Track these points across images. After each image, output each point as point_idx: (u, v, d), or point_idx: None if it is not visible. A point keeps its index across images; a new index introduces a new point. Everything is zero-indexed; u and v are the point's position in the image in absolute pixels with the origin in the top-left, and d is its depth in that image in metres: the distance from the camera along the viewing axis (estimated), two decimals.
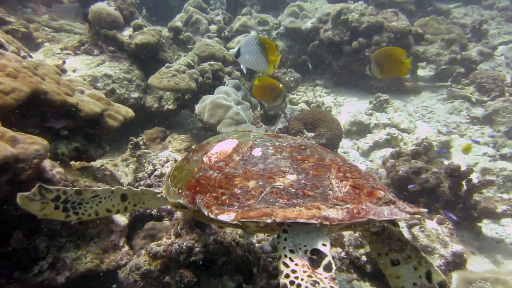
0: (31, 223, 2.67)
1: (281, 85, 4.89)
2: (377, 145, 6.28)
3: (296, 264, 1.70)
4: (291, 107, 6.55)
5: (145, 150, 5.14)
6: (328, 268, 1.63)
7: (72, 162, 3.51)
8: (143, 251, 3.24)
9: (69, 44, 6.03)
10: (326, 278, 1.60)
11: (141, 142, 5.31)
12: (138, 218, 3.80)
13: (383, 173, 4.08)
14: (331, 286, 1.54)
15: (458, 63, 8.91)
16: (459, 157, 5.76)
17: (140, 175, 4.43)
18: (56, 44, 6.15)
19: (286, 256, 1.74)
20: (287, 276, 1.67)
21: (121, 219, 3.48)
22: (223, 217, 1.81)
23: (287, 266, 1.71)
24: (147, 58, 6.17)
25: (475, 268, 3.10)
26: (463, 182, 3.61)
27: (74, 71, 5.43)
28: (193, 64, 6.31)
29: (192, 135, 6.03)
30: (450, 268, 2.82)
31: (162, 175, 4.39)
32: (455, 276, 2.70)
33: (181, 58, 6.64)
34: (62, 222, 2.91)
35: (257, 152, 2.04)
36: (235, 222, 1.77)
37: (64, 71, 5.04)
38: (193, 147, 2.58)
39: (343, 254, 3.25)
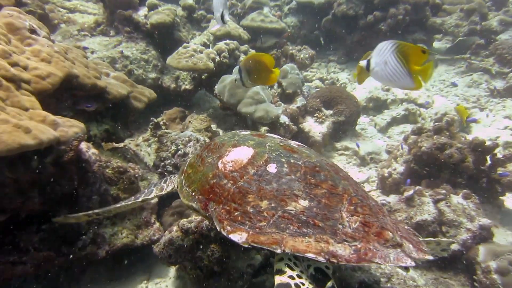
0: (72, 201, 2.81)
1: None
2: (394, 121, 6.27)
3: (302, 272, 1.79)
4: (308, 85, 6.53)
5: (166, 130, 5.23)
6: None
7: (103, 143, 3.63)
8: (175, 227, 3.40)
9: (85, 25, 6.05)
10: None
11: (161, 123, 5.39)
12: (165, 195, 3.93)
13: (405, 149, 4.11)
14: None
15: (477, 34, 8.68)
16: (479, 131, 5.74)
17: (164, 155, 4.54)
18: (72, 26, 6.17)
19: (290, 260, 1.84)
20: (292, 277, 1.75)
21: None
22: (235, 237, 1.84)
23: (291, 268, 1.80)
24: (163, 38, 6.16)
25: (498, 241, 3.17)
26: (487, 157, 3.63)
27: (92, 52, 5.47)
28: (208, 43, 6.30)
29: (209, 114, 6.10)
30: (477, 241, 2.89)
31: (185, 154, 4.49)
32: (482, 249, 2.77)
33: (196, 37, 6.62)
34: (99, 202, 3.06)
35: (272, 168, 2.03)
36: (246, 245, 1.79)
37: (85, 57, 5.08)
38: (208, 143, 2.57)
39: None
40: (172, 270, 3.53)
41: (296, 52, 7.26)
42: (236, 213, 1.92)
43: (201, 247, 3.19)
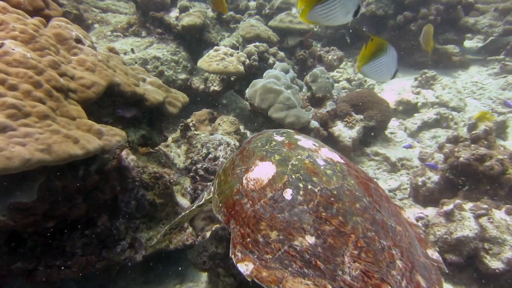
0: (111, 206, 2.89)
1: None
2: (426, 125, 6.13)
3: None
4: (336, 87, 6.46)
5: (195, 132, 5.28)
6: None
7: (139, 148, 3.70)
8: (208, 234, 3.44)
9: (118, 26, 6.16)
10: None
11: (190, 124, 5.46)
12: (197, 198, 3.98)
13: (440, 159, 4.01)
14: None
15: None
16: None
17: (195, 158, 4.60)
18: (106, 26, 6.30)
19: None
20: None
21: (184, 202, 3.68)
22: (242, 267, 1.86)
23: None
24: (193, 39, 6.22)
25: None
26: None
27: (125, 53, 5.57)
28: (237, 44, 6.31)
29: (236, 115, 6.13)
30: None
31: (216, 158, 4.53)
32: None
33: (225, 39, 6.64)
34: (136, 207, 3.13)
35: (287, 194, 2.01)
36: (250, 279, 1.81)
37: (117, 53, 5.18)
38: (242, 147, 2.55)
39: None
40: (205, 275, 3.58)
41: (324, 53, 7.18)
42: (248, 239, 1.94)
43: None
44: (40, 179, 2.18)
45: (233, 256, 1.92)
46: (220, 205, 2.23)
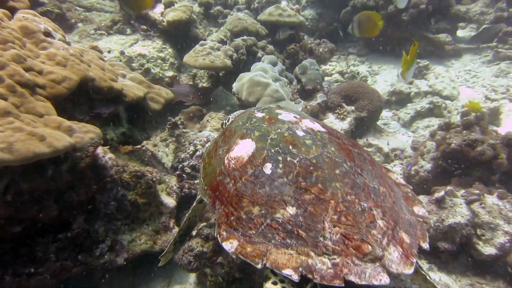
0: (89, 208, 2.76)
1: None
2: (419, 115, 6.01)
3: (285, 277, 1.81)
4: (327, 80, 6.33)
5: (184, 130, 5.16)
6: None
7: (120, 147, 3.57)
8: (194, 232, 3.32)
9: (102, 24, 6.02)
10: None
11: (178, 122, 5.33)
12: (185, 199, 3.86)
13: (432, 146, 3.90)
14: None
15: (504, 22, 8.25)
16: (510, 124, 5.43)
17: (182, 156, 4.47)
18: (89, 25, 6.16)
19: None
20: (275, 283, 1.85)
21: (169, 201, 3.55)
22: (227, 246, 1.90)
23: (275, 274, 1.87)
24: (179, 35, 6.08)
25: None
26: None
27: (109, 51, 5.44)
28: (225, 39, 6.18)
29: (227, 112, 5.99)
30: None
31: (203, 155, 4.41)
32: None
33: (212, 34, 6.51)
34: (116, 207, 3.00)
35: (267, 168, 2.04)
36: (234, 256, 1.85)
37: (100, 52, 5.05)
38: (225, 128, 2.58)
39: None
40: (193, 276, 3.45)
41: (315, 46, 7.06)
42: (232, 218, 1.98)
43: (222, 252, 3.10)
44: (3, 180, 2.05)
45: (218, 235, 1.95)
46: (206, 187, 2.25)
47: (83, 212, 2.65)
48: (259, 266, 1.78)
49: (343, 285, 1.68)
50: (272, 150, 2.11)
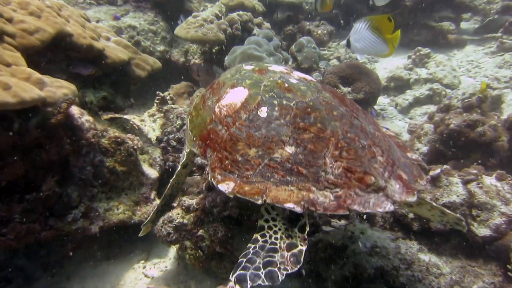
0: (62, 171, 2.59)
1: None
2: (417, 102, 5.84)
3: (277, 214, 1.91)
4: (325, 62, 6.14)
5: (172, 105, 4.97)
6: (302, 229, 1.85)
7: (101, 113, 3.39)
8: (175, 204, 3.16)
9: None
10: (299, 237, 1.84)
11: (168, 97, 5.14)
12: (168, 171, 3.70)
13: (430, 129, 3.74)
14: (300, 244, 1.78)
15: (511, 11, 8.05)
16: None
17: (169, 129, 4.30)
18: None
19: (269, 204, 1.90)
20: (266, 221, 1.92)
21: (151, 172, 3.39)
22: (223, 187, 1.88)
23: (268, 212, 1.94)
24: (172, 9, 5.85)
25: None
26: None
27: (98, 21, 5.21)
28: (220, 15, 5.95)
29: None
30: None
31: None
32: None
33: (207, 9, 6.28)
34: (93, 173, 2.83)
35: (263, 112, 2.00)
36: (232, 196, 1.84)
37: (88, 21, 4.83)
38: (213, 82, 2.48)
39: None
40: (173, 251, 3.31)
41: (313, 28, 6.85)
42: (226, 162, 1.94)
43: (203, 225, 2.96)
44: None
45: (213, 179, 1.92)
46: (194, 138, 2.20)
47: (54, 174, 2.48)
48: (259, 202, 1.76)
49: (348, 213, 1.70)
50: (267, 95, 2.06)
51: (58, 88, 2.31)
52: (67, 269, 2.98)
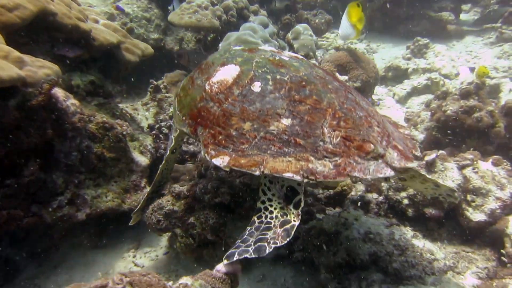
0: (46, 156, 2.50)
1: None
2: (415, 91, 5.76)
3: (273, 194, 1.93)
4: (323, 50, 6.04)
5: (166, 94, 4.88)
6: (297, 206, 1.87)
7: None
8: (166, 191, 3.09)
9: None
10: (293, 213, 1.86)
11: (161, 86, 5.04)
12: (160, 159, 3.61)
13: (427, 116, 3.66)
14: (294, 220, 1.82)
15: (511, 1, 7.94)
16: None
17: (161, 117, 4.22)
18: None
19: (265, 184, 1.95)
20: (263, 202, 1.94)
21: (142, 159, 3.31)
22: (217, 161, 1.85)
23: (264, 193, 1.95)
24: None
25: None
26: None
27: (89, 6, 5.09)
28: (215, 1, 5.83)
29: None
30: (507, 211, 2.49)
31: None
32: None
33: None
34: (80, 159, 2.75)
35: (256, 87, 1.97)
36: (227, 169, 1.83)
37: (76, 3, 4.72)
38: (201, 63, 2.44)
39: (380, 198, 2.97)
40: (164, 240, 3.24)
41: (311, 16, 6.74)
42: (220, 137, 1.92)
43: (194, 212, 2.88)
44: None
45: (206, 154, 1.90)
46: (184, 118, 2.14)
47: (37, 158, 2.39)
48: (257, 173, 1.75)
49: (348, 179, 1.81)
50: (259, 71, 2.03)
51: (40, 68, 2.23)
52: (55, 258, 2.92)
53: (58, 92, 2.52)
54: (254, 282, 2.79)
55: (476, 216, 2.49)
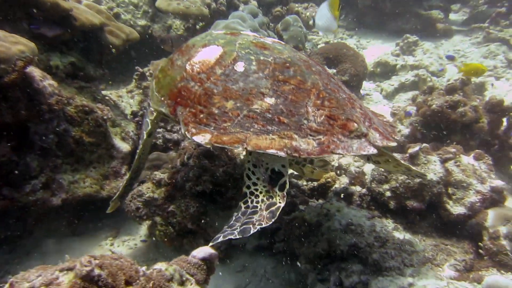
0: (20, 138, 2.41)
1: None
2: (403, 87, 5.78)
3: (258, 178, 1.94)
4: (312, 43, 6.01)
5: None
6: (282, 187, 1.88)
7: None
8: (146, 178, 3.02)
9: None
10: (279, 195, 1.87)
11: (147, 73, 4.94)
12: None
13: (413, 110, 3.66)
14: (279, 202, 1.84)
15: (499, 2, 8.04)
16: None
17: (145, 104, 4.12)
18: None
19: (249, 169, 1.96)
20: (248, 187, 1.94)
21: (123, 145, 3.22)
22: (198, 138, 1.84)
23: (249, 178, 1.96)
24: None
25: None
26: (504, 119, 3.21)
27: None
28: None
29: None
30: (486, 204, 2.50)
31: None
32: (491, 213, 2.40)
33: None
34: (56, 142, 2.66)
35: (239, 67, 1.96)
36: (209, 146, 1.84)
37: None
38: (181, 46, 2.40)
39: (363, 191, 2.96)
40: (144, 228, 3.17)
41: (302, 9, 6.69)
42: (201, 115, 1.90)
43: (175, 200, 2.82)
44: None
45: (187, 132, 1.89)
46: (163, 98, 2.11)
47: (10, 140, 2.30)
48: (239, 149, 1.79)
49: (331, 155, 1.76)
50: (243, 52, 2.02)
51: (13, 44, 2.13)
52: (28, 244, 2.82)
53: (34, 71, 2.42)
54: (234, 273, 2.75)
55: (457, 209, 2.51)
